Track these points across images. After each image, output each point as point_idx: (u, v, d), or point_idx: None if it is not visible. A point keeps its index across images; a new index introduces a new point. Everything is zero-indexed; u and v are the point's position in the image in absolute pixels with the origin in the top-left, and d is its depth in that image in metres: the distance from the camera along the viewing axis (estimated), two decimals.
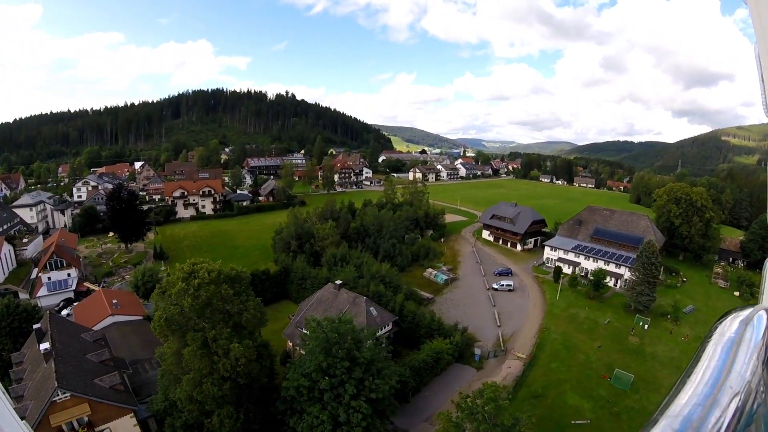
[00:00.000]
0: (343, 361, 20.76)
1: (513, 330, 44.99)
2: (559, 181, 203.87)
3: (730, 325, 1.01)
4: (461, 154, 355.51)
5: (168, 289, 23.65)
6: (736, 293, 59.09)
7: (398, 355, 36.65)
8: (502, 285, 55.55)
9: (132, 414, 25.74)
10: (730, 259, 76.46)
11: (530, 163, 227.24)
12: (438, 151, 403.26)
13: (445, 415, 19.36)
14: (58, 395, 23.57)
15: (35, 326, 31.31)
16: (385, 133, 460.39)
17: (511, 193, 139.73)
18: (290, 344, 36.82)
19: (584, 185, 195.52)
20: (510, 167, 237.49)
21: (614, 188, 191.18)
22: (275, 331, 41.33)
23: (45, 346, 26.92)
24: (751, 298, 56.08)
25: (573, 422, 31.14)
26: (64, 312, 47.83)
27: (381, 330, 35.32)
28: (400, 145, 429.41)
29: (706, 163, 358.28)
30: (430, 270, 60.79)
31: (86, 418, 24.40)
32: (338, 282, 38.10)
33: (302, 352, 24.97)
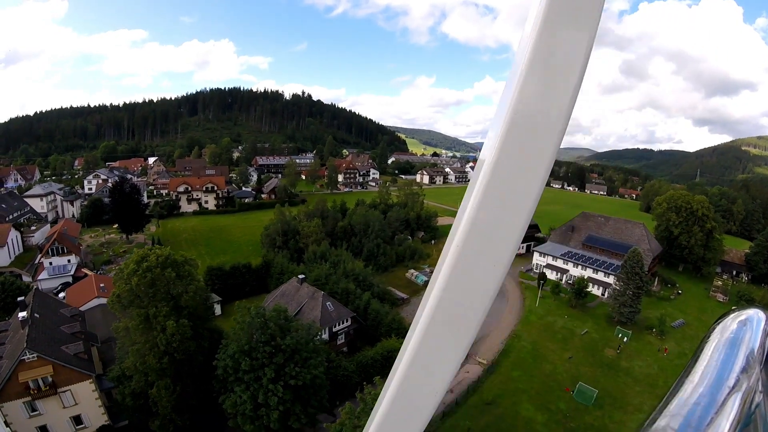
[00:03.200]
0: (265, 346, 22.03)
1: (481, 334, 44.74)
2: (570, 188, 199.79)
3: (730, 325, 0.99)
4: (476, 158, 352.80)
5: (124, 270, 25.78)
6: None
7: (359, 350, 37.50)
8: None
9: (91, 380, 28.25)
10: (734, 272, 73.08)
11: None
12: (452, 154, 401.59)
13: (347, 407, 20.03)
14: (26, 355, 26.28)
15: (19, 299, 34.37)
16: (403, 136, 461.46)
17: None
18: None
19: (595, 192, 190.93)
20: None
21: (626, 196, 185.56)
22: None
23: (23, 314, 29.72)
24: None
25: None
26: (61, 294, 51.15)
27: (338, 325, 36.45)
28: (417, 148, 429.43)
29: (726, 173, 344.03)
30: (412, 271, 61.35)
31: (50, 379, 27.08)
32: (301, 276, 39.39)
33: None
